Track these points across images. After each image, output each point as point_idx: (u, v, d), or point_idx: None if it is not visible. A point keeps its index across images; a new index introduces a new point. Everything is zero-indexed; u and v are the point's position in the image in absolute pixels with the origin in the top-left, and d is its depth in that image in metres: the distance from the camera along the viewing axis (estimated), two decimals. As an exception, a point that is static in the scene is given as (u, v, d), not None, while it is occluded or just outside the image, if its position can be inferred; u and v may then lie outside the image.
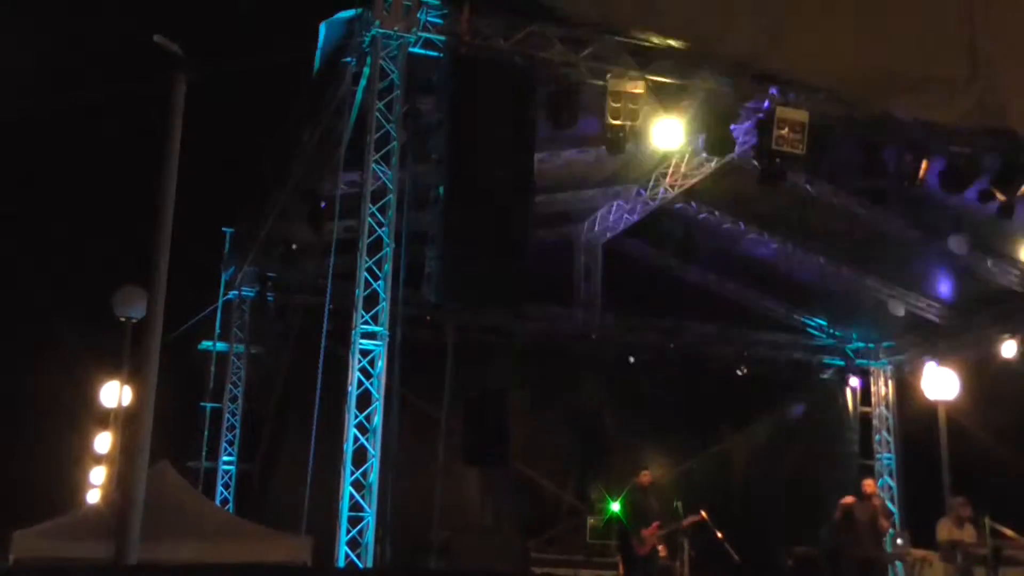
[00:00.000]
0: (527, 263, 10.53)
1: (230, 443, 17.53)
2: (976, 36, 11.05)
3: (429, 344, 17.34)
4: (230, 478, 17.34)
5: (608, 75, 10.96)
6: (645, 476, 14.44)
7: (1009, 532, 13.41)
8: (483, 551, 14.65)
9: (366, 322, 10.21)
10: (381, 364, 10.14)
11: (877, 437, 20.18)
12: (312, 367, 13.36)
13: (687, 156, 15.05)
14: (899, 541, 14.92)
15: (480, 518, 17.84)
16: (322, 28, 11.29)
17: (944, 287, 17.76)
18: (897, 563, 14.94)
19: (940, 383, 17.76)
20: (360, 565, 9.60)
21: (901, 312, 17.37)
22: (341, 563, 9.59)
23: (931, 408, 17.97)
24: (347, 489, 9.76)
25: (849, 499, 14.28)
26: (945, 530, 13.83)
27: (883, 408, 20.38)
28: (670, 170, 15.72)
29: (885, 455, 20.03)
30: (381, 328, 10.22)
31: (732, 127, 11.82)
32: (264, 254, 16.48)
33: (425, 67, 10.85)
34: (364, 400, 10.05)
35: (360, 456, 9.89)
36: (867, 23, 11.00)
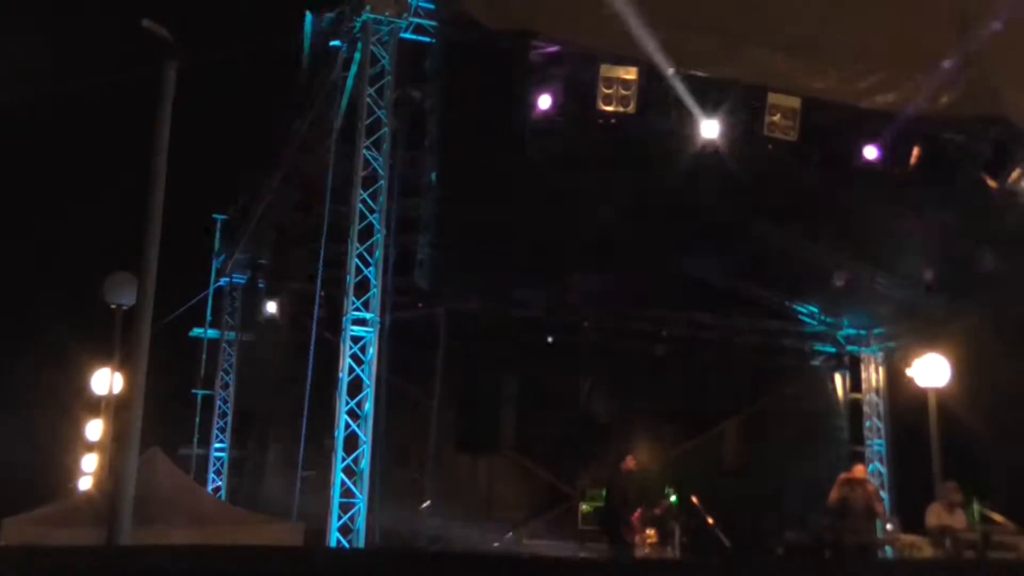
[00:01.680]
0: (520, 250, 10.53)
1: (222, 430, 17.53)
2: (968, 24, 11.05)
3: (421, 331, 17.36)
4: (222, 464, 17.35)
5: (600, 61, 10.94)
6: (629, 461, 14.48)
7: (998, 517, 13.46)
8: (474, 536, 14.69)
9: (357, 308, 10.20)
10: (372, 351, 10.13)
11: (868, 424, 20.22)
12: (303, 354, 13.36)
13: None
14: (889, 527, 14.96)
15: (473, 504, 17.85)
16: (308, 18, 11.28)
17: (937, 274, 17.77)
18: (887, 548, 14.98)
19: (931, 370, 17.80)
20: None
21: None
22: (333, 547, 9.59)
23: (922, 395, 18.01)
24: (338, 475, 9.77)
25: (846, 475, 14.40)
26: (935, 515, 13.89)
27: (874, 395, 20.42)
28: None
29: (876, 441, 20.07)
30: (372, 315, 10.21)
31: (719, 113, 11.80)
32: (255, 241, 16.46)
33: (417, 53, 10.81)
34: (355, 387, 10.05)
35: (351, 443, 9.89)
36: (856, 12, 11.00)
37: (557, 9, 10.31)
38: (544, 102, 10.88)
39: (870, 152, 11.86)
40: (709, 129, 11.62)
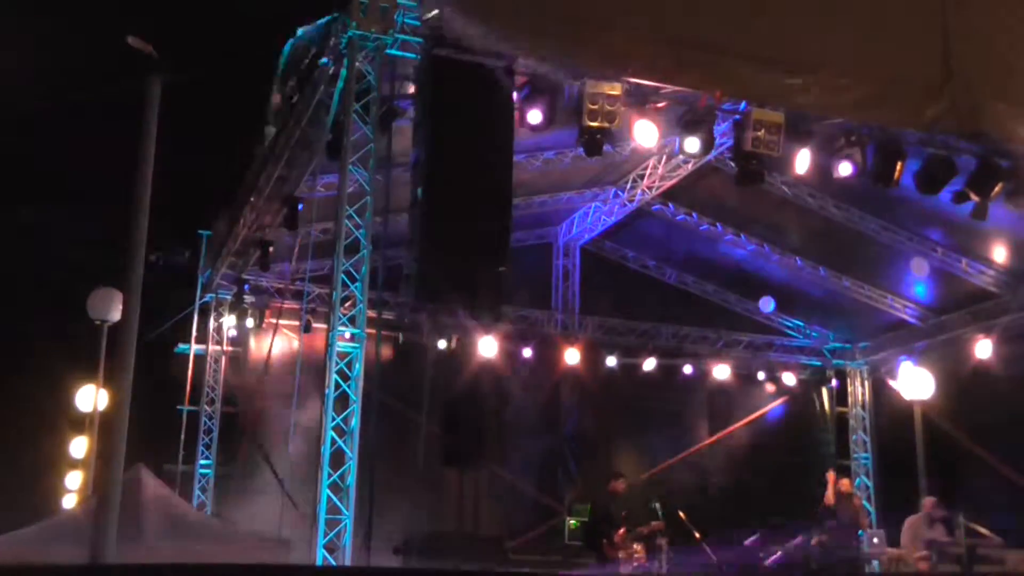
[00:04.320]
0: (505, 265, 10.50)
1: (207, 446, 17.46)
2: (949, 39, 11.12)
3: (408, 346, 17.37)
4: (207, 481, 17.27)
5: (585, 77, 10.97)
6: (619, 484, 14.48)
7: (983, 530, 13.51)
8: (460, 553, 14.64)
9: (343, 324, 10.18)
10: (359, 366, 10.10)
11: (854, 437, 20.30)
12: (290, 370, 13.31)
13: (664, 158, 15.14)
14: (875, 540, 15.01)
15: (459, 521, 17.82)
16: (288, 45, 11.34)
17: (920, 288, 17.89)
18: (873, 562, 15.03)
19: (916, 383, 17.88)
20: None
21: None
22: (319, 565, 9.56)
23: (907, 408, 18.08)
24: (324, 492, 9.73)
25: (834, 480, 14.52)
26: (912, 529, 13.94)
27: (859, 408, 20.51)
28: (647, 172, 15.80)
29: (862, 455, 20.15)
30: (358, 330, 10.19)
31: (709, 128, 11.84)
32: (241, 257, 16.44)
33: (405, 69, 10.81)
34: (342, 402, 10.01)
35: (338, 458, 9.86)
36: (839, 27, 11.05)
37: (540, 29, 10.33)
38: (534, 117, 10.90)
39: (845, 168, 11.90)
40: (691, 145, 11.67)
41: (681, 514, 13.96)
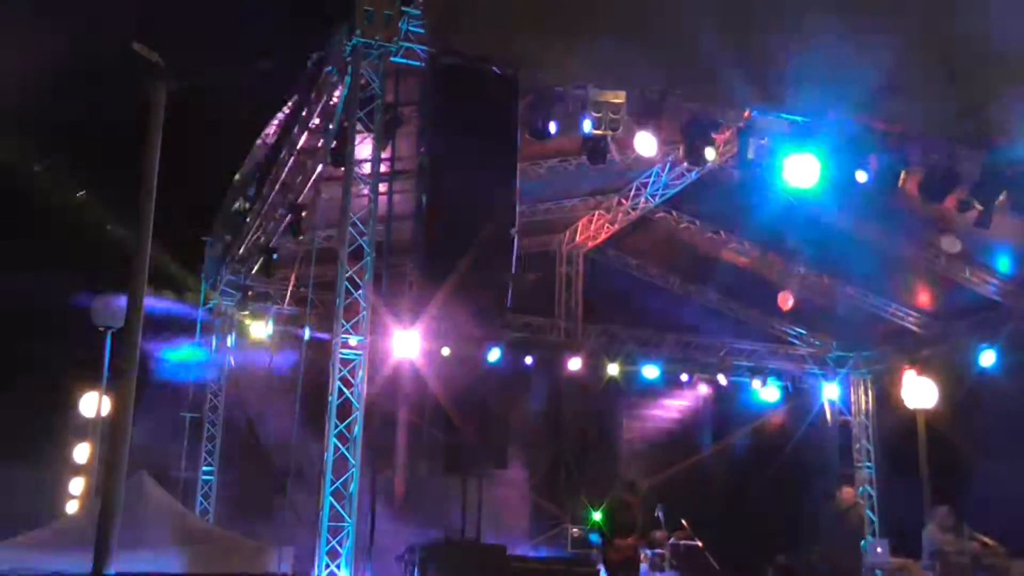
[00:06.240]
0: (510, 273, 10.51)
1: (210, 453, 17.43)
2: (953, 43, 11.12)
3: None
4: (210, 488, 17.24)
5: (590, 85, 10.99)
6: (632, 497, 14.46)
7: (988, 540, 13.47)
8: (464, 561, 14.63)
9: (347, 331, 10.17)
10: (362, 374, 10.10)
11: (857, 446, 20.27)
12: (292, 376, 13.29)
13: (668, 166, 15.15)
14: (879, 550, 14.96)
15: (462, 528, 17.80)
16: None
17: (923, 296, 17.88)
18: (877, 572, 14.98)
19: (919, 392, 17.86)
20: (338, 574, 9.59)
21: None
22: (321, 573, 9.55)
23: (910, 416, 18.06)
24: (327, 499, 9.72)
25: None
26: (930, 538, 13.90)
27: (863, 417, 20.48)
28: (651, 180, 15.82)
29: (865, 464, 20.12)
30: (362, 337, 10.19)
31: (712, 136, 11.85)
32: (245, 263, 16.45)
33: (410, 76, 10.83)
34: (344, 410, 10.00)
35: (341, 466, 9.85)
36: (840, 32, 11.05)
37: (540, 38, 10.36)
38: (552, 127, 10.93)
39: (860, 175, 11.89)
40: (711, 154, 11.69)
41: (684, 522, 13.94)
